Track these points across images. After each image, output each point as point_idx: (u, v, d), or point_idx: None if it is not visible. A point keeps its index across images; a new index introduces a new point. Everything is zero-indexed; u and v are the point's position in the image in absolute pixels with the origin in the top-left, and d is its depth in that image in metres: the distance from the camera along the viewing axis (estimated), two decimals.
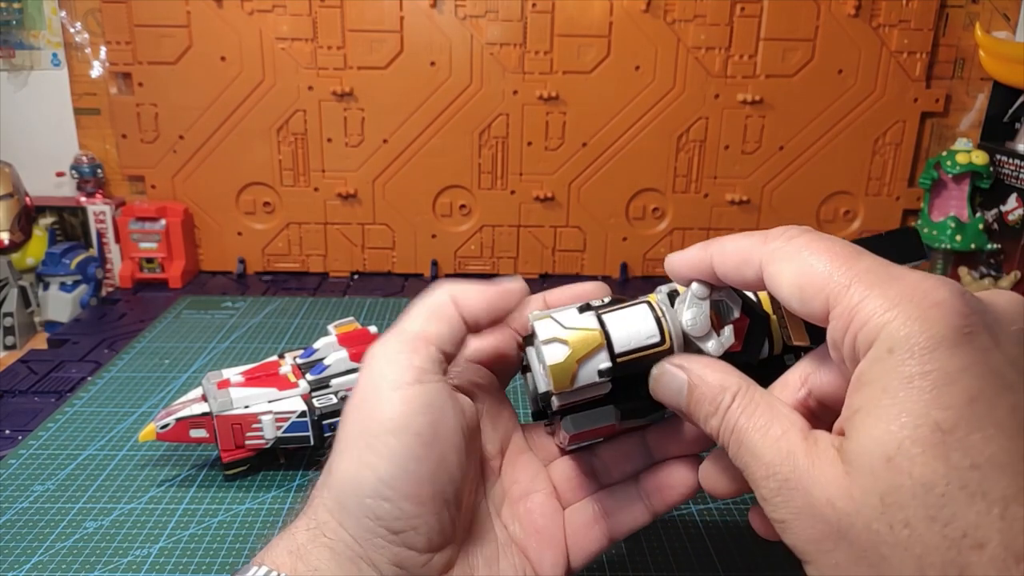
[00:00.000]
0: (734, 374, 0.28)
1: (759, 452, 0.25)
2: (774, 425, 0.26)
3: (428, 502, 0.28)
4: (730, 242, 0.28)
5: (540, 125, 0.88)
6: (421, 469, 0.28)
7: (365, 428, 0.28)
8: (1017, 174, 0.85)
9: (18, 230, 0.84)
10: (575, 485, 0.35)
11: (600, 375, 0.29)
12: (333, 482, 0.29)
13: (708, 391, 0.28)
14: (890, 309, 0.22)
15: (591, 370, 0.29)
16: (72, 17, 0.86)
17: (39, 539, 0.45)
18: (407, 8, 0.84)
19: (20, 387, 0.63)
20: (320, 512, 0.28)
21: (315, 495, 0.29)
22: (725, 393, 0.27)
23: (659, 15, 0.85)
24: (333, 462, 0.29)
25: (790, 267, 0.26)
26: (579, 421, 0.31)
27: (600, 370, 0.29)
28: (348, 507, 0.28)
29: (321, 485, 0.29)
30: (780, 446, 0.25)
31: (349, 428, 0.29)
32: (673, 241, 0.93)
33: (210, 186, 0.90)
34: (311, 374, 0.52)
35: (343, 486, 0.28)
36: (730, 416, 0.27)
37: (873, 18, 0.86)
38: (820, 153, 0.90)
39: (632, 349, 0.30)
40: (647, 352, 0.30)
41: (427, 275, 0.93)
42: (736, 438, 0.26)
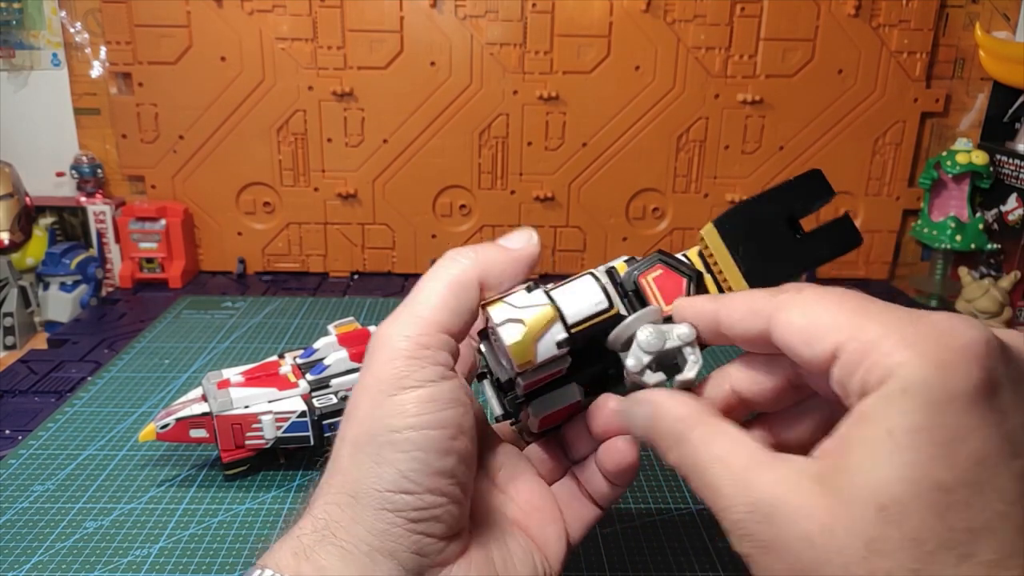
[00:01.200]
0: (692, 405, 0.28)
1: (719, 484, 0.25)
2: (734, 455, 0.25)
3: (449, 492, 0.28)
4: (740, 297, 0.28)
5: (540, 125, 0.88)
6: (445, 463, 0.27)
7: (385, 424, 0.27)
8: (1017, 174, 0.85)
9: (18, 230, 0.84)
10: (551, 465, 0.35)
11: (559, 346, 0.30)
12: (344, 480, 0.28)
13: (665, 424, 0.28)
14: (909, 347, 0.22)
15: (549, 343, 0.30)
16: (72, 17, 0.86)
17: (39, 539, 0.45)
18: (407, 8, 0.84)
19: (20, 387, 0.63)
20: (330, 510, 0.27)
21: (320, 493, 0.28)
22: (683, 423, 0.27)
23: (659, 15, 0.85)
24: (344, 459, 0.28)
25: (800, 313, 0.25)
26: (546, 403, 0.32)
27: (558, 341, 0.30)
28: (364, 502, 0.27)
29: (326, 484, 0.28)
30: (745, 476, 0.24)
31: (364, 424, 0.28)
32: (673, 241, 0.93)
33: (210, 186, 0.90)
34: (311, 374, 0.52)
35: (360, 482, 0.27)
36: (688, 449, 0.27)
37: (873, 18, 0.86)
38: (820, 153, 0.90)
39: (584, 318, 0.30)
40: (598, 319, 0.30)
41: None
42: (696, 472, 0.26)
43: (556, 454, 0.35)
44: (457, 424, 0.28)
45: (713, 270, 0.31)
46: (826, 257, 0.31)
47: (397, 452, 0.27)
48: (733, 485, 0.24)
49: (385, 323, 0.29)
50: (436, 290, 0.29)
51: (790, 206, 0.31)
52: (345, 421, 0.29)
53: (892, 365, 0.22)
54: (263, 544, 0.45)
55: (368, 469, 0.27)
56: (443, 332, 0.28)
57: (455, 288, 0.29)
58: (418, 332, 0.28)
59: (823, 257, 0.31)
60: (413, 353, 0.28)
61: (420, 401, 0.27)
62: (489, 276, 0.30)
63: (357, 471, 0.27)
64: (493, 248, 0.31)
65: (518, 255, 0.31)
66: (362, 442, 0.27)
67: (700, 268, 0.32)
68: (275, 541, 0.28)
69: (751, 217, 0.31)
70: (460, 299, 0.29)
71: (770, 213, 0.31)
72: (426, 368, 0.28)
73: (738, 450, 0.25)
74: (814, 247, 0.31)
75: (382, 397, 0.27)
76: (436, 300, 0.29)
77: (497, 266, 0.30)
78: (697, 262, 0.32)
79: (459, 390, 0.28)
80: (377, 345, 0.29)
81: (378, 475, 0.27)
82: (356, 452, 0.28)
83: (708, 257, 0.31)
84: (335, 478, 0.28)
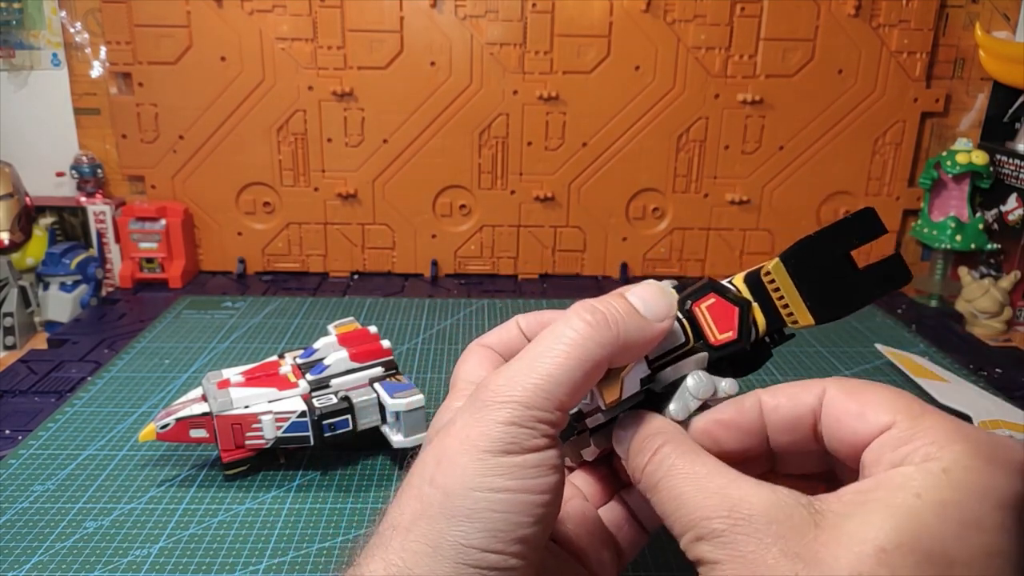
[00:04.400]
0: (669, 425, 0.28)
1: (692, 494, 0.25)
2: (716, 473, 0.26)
3: (530, 555, 0.27)
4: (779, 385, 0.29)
5: (540, 125, 0.88)
6: (533, 530, 0.26)
7: (481, 483, 0.26)
8: (1017, 174, 0.85)
9: (18, 230, 0.84)
10: (599, 488, 0.35)
11: (642, 384, 0.30)
12: (430, 529, 0.26)
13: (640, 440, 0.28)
14: (962, 441, 0.22)
15: (634, 380, 0.30)
16: (72, 17, 0.86)
17: (39, 539, 0.45)
18: (407, 8, 0.84)
19: (20, 387, 0.63)
20: (405, 557, 0.26)
21: (394, 536, 0.27)
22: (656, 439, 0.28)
23: (659, 15, 0.85)
24: (429, 506, 0.26)
25: (860, 389, 0.26)
26: (608, 434, 0.32)
27: (642, 379, 0.30)
28: (446, 553, 0.26)
29: (406, 528, 0.27)
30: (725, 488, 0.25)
31: (462, 477, 0.26)
32: (673, 241, 0.93)
33: (210, 186, 0.90)
34: (311, 374, 0.52)
35: (445, 534, 0.26)
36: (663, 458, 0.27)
37: (873, 18, 0.86)
38: (820, 153, 0.90)
39: (664, 353, 0.31)
40: (674, 355, 0.31)
41: (427, 275, 0.93)
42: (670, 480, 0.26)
43: (603, 478, 0.35)
44: (553, 490, 0.27)
45: (777, 303, 0.32)
46: (879, 294, 0.32)
47: (492, 511, 0.26)
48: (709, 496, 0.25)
49: (501, 376, 0.28)
50: (563, 361, 0.27)
51: (848, 242, 0.31)
52: (436, 466, 0.27)
53: (942, 448, 0.22)
54: (263, 544, 0.45)
55: (458, 523, 0.26)
56: (558, 408, 0.27)
57: (584, 364, 0.27)
58: (535, 403, 0.27)
59: (878, 294, 0.32)
60: (526, 422, 0.27)
61: (525, 467, 0.26)
62: (622, 356, 0.28)
63: (445, 522, 0.26)
64: (633, 318, 0.28)
65: (656, 331, 0.29)
66: (457, 494, 0.26)
67: (748, 296, 0.32)
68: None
69: (814, 253, 0.31)
70: (585, 377, 0.27)
71: (830, 250, 0.31)
72: (536, 439, 0.27)
73: (720, 470, 0.26)
74: (870, 283, 0.31)
75: (487, 456, 0.26)
76: (560, 373, 0.27)
77: (634, 344, 0.28)
78: (743, 289, 0.32)
79: (558, 458, 0.28)
80: (488, 400, 0.27)
81: (467, 531, 0.26)
82: (448, 502, 0.26)
83: (774, 292, 0.32)
84: (420, 523, 0.26)
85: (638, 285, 0.30)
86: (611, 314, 0.28)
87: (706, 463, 0.26)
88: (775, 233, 0.93)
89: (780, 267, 0.31)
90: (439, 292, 0.88)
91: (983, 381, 0.67)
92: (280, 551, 0.44)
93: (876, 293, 0.31)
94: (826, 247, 0.31)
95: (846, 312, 0.31)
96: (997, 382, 0.67)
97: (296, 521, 0.47)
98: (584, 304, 0.29)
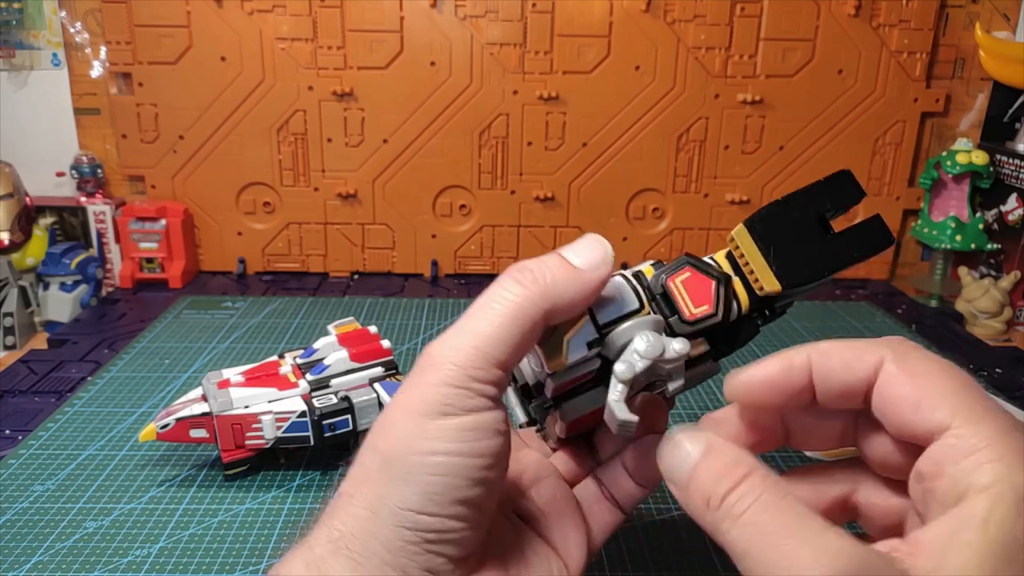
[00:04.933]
0: (745, 459, 0.25)
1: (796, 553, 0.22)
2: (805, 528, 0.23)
3: (470, 518, 0.27)
4: (832, 343, 0.27)
5: (540, 125, 0.88)
6: (472, 492, 0.26)
7: (422, 446, 0.26)
8: (1017, 174, 0.85)
9: (18, 230, 0.84)
10: (574, 467, 0.35)
11: (589, 347, 0.29)
12: (370, 492, 0.27)
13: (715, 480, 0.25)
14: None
15: (580, 343, 0.29)
16: (72, 17, 0.86)
17: (39, 539, 0.45)
18: (407, 8, 0.84)
19: (20, 387, 0.63)
20: (348, 522, 0.27)
21: (341, 504, 0.27)
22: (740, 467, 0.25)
23: (659, 15, 0.85)
24: (373, 472, 0.27)
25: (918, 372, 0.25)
26: (574, 407, 0.31)
27: (588, 342, 0.29)
28: (384, 517, 0.26)
29: (349, 494, 0.27)
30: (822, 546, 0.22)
31: (400, 441, 0.27)
32: (673, 241, 0.93)
33: (210, 186, 0.90)
34: (311, 374, 0.52)
35: (384, 498, 0.26)
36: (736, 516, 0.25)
37: (873, 18, 0.86)
38: (820, 153, 0.90)
39: (615, 319, 0.30)
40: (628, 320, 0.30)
41: (427, 275, 0.93)
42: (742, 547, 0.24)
43: (580, 455, 0.35)
44: (494, 454, 0.27)
45: (744, 271, 0.31)
46: (856, 258, 0.30)
47: (428, 474, 0.26)
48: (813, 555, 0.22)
49: (437, 342, 0.28)
50: (497, 320, 0.27)
51: (820, 206, 0.30)
52: (378, 431, 0.28)
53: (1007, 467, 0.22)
54: (263, 544, 0.45)
55: (395, 486, 0.26)
56: (496, 367, 0.27)
57: (519, 322, 0.27)
58: (471, 363, 0.27)
59: (854, 258, 0.30)
60: (462, 383, 0.27)
61: (462, 429, 0.26)
62: (557, 309, 0.28)
63: (384, 487, 0.26)
64: (563, 270, 0.28)
65: (591, 281, 0.28)
66: (394, 458, 0.26)
67: (728, 271, 0.31)
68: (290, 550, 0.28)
69: (782, 217, 0.30)
70: (521, 335, 0.27)
71: (801, 213, 0.30)
72: (473, 399, 0.27)
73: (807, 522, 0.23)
74: (845, 247, 0.30)
75: (423, 419, 0.26)
76: (495, 332, 0.27)
77: (567, 296, 0.28)
78: (725, 265, 0.32)
79: (501, 421, 0.27)
80: (426, 365, 0.27)
81: (403, 493, 0.26)
82: (386, 467, 0.27)
83: (739, 258, 0.31)
84: (362, 489, 0.27)
85: (575, 241, 0.30)
86: (540, 269, 0.28)
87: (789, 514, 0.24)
88: None
89: (743, 231, 0.30)
90: (439, 292, 0.88)
91: (983, 381, 0.67)
92: (280, 551, 0.44)
93: (852, 256, 0.30)
94: (795, 211, 0.30)
95: (816, 276, 0.30)
96: (997, 382, 0.68)
97: (296, 521, 0.47)
98: (515, 265, 0.28)
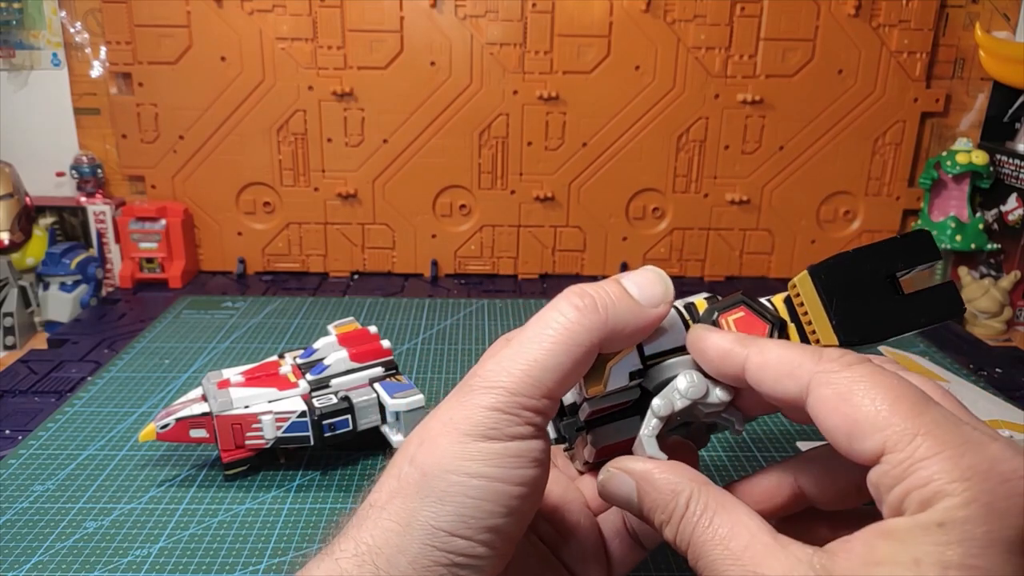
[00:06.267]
0: (686, 475, 0.27)
1: (721, 569, 0.24)
2: (734, 537, 0.24)
3: (501, 545, 0.26)
4: (774, 348, 0.26)
5: (540, 125, 0.88)
6: (506, 521, 0.26)
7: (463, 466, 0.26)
8: (1017, 174, 0.85)
9: (18, 230, 0.84)
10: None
11: (631, 378, 0.29)
12: (403, 507, 0.26)
13: (659, 497, 0.27)
14: (957, 481, 0.21)
15: (622, 372, 0.28)
16: (72, 17, 0.86)
17: (39, 539, 0.45)
18: (407, 8, 0.84)
19: (20, 387, 0.63)
20: (375, 534, 0.26)
21: (372, 514, 0.27)
22: (677, 498, 0.26)
23: (659, 15, 0.85)
24: (407, 484, 0.26)
25: (845, 398, 0.23)
26: (606, 433, 0.31)
27: (631, 372, 0.29)
28: (415, 534, 0.25)
29: (383, 506, 0.26)
30: (744, 561, 0.23)
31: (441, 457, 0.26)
32: (673, 241, 0.93)
33: (210, 186, 0.90)
34: (311, 374, 0.52)
35: (417, 514, 0.26)
36: (685, 524, 0.26)
37: (873, 18, 0.86)
38: (820, 153, 0.90)
39: (662, 352, 0.29)
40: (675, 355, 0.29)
41: (427, 275, 0.93)
42: (694, 551, 0.25)
43: None
44: (531, 483, 0.27)
45: (801, 319, 0.30)
46: (923, 324, 0.29)
47: (466, 496, 0.25)
48: (733, 567, 0.24)
49: (491, 361, 0.27)
50: (550, 346, 0.26)
51: (893, 264, 0.29)
52: (418, 445, 0.27)
53: (935, 494, 0.21)
54: (263, 544, 0.45)
55: (430, 504, 0.26)
56: (545, 396, 0.26)
57: (572, 350, 0.26)
58: (521, 389, 0.26)
59: (921, 324, 0.29)
60: (510, 408, 0.26)
61: (505, 455, 0.26)
62: (612, 341, 0.27)
63: (418, 502, 0.26)
64: (625, 302, 0.27)
65: (649, 317, 0.28)
66: (433, 475, 0.26)
67: (785, 317, 0.30)
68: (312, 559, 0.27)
69: (850, 270, 0.29)
70: (574, 363, 0.27)
71: (871, 268, 0.29)
72: (519, 426, 0.26)
73: (738, 530, 0.24)
74: (913, 311, 0.29)
75: (467, 440, 0.26)
76: (547, 359, 0.26)
77: (625, 330, 0.27)
78: (782, 310, 0.30)
79: (543, 451, 0.27)
80: (476, 385, 0.27)
81: (438, 513, 0.25)
82: (424, 483, 0.26)
83: (798, 306, 0.30)
84: (394, 501, 0.26)
85: (635, 271, 0.29)
86: (601, 298, 0.27)
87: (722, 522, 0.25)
88: (775, 233, 0.93)
89: (807, 278, 0.29)
90: (439, 292, 0.88)
91: (983, 381, 0.67)
92: (280, 551, 0.44)
93: (920, 322, 0.28)
94: (865, 265, 0.29)
95: (878, 336, 0.28)
96: (997, 382, 0.67)
97: (296, 521, 0.47)
98: (575, 288, 0.28)
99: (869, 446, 0.23)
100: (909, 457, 0.22)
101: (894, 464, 0.22)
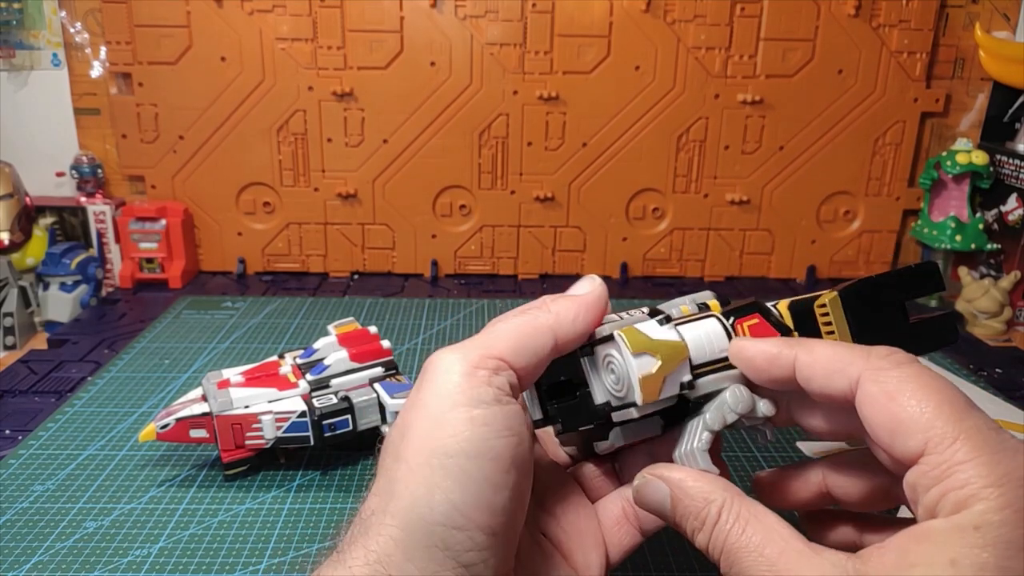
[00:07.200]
0: (719, 484, 0.27)
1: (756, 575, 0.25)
2: (768, 544, 0.25)
3: (501, 532, 0.26)
4: (822, 347, 0.27)
5: (540, 125, 0.88)
6: (497, 498, 0.26)
7: (437, 447, 0.26)
8: (1017, 174, 0.85)
9: (18, 230, 0.84)
10: (599, 483, 0.35)
11: (681, 388, 0.30)
12: (399, 507, 0.26)
13: (692, 505, 0.27)
14: (992, 486, 0.22)
15: (675, 382, 0.29)
16: (72, 17, 0.86)
17: (39, 539, 0.45)
18: (407, 8, 0.84)
19: (20, 387, 0.63)
20: (380, 542, 0.26)
21: (373, 520, 0.27)
22: (710, 507, 0.27)
23: (659, 15, 0.85)
24: (396, 482, 0.27)
25: (893, 397, 0.24)
26: (628, 432, 0.32)
27: (682, 383, 0.30)
28: (416, 536, 0.26)
29: (382, 511, 0.27)
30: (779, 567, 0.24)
31: (419, 444, 0.27)
32: (673, 241, 0.93)
33: (210, 186, 0.90)
34: (311, 374, 0.52)
35: (412, 512, 0.26)
36: (718, 533, 0.26)
37: (873, 18, 0.86)
38: (820, 153, 0.90)
39: (707, 362, 0.30)
40: (717, 365, 0.31)
41: (427, 275, 0.93)
42: (727, 558, 0.26)
43: (606, 472, 0.35)
44: (510, 456, 0.27)
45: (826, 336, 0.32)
46: (925, 351, 0.31)
47: (450, 480, 0.26)
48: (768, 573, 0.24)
49: (442, 348, 0.29)
50: (502, 328, 0.29)
51: (905, 293, 0.31)
52: (399, 438, 0.28)
53: (971, 497, 0.22)
54: (263, 544, 0.45)
55: (420, 496, 0.26)
56: (501, 360, 0.28)
57: (524, 328, 0.29)
58: (476, 355, 0.28)
59: (924, 349, 0.31)
60: (468, 371, 0.27)
61: (473, 423, 0.26)
62: (562, 324, 0.30)
63: (411, 497, 0.26)
64: (562, 298, 0.31)
65: (585, 299, 0.30)
66: (416, 464, 0.26)
67: (789, 324, 0.32)
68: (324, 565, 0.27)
69: (873, 298, 0.31)
70: (526, 339, 0.29)
71: (889, 297, 0.31)
72: (480, 388, 0.27)
73: (772, 537, 0.25)
74: (918, 338, 0.31)
75: (436, 413, 0.27)
76: (499, 335, 0.29)
77: (569, 313, 0.30)
78: (786, 316, 0.32)
79: (515, 418, 0.27)
80: (432, 365, 0.28)
81: (430, 504, 0.26)
82: (410, 475, 0.26)
83: (825, 325, 0.32)
84: (392, 504, 0.27)
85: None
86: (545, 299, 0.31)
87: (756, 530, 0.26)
88: (775, 233, 0.93)
89: (837, 301, 0.31)
90: (439, 292, 0.88)
91: (983, 381, 0.67)
92: (280, 551, 0.44)
93: (922, 348, 0.31)
94: (883, 293, 0.31)
95: None
96: (997, 382, 0.67)
97: (296, 521, 0.47)
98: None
99: (912, 445, 0.23)
100: (948, 460, 0.22)
101: (933, 465, 0.23)
